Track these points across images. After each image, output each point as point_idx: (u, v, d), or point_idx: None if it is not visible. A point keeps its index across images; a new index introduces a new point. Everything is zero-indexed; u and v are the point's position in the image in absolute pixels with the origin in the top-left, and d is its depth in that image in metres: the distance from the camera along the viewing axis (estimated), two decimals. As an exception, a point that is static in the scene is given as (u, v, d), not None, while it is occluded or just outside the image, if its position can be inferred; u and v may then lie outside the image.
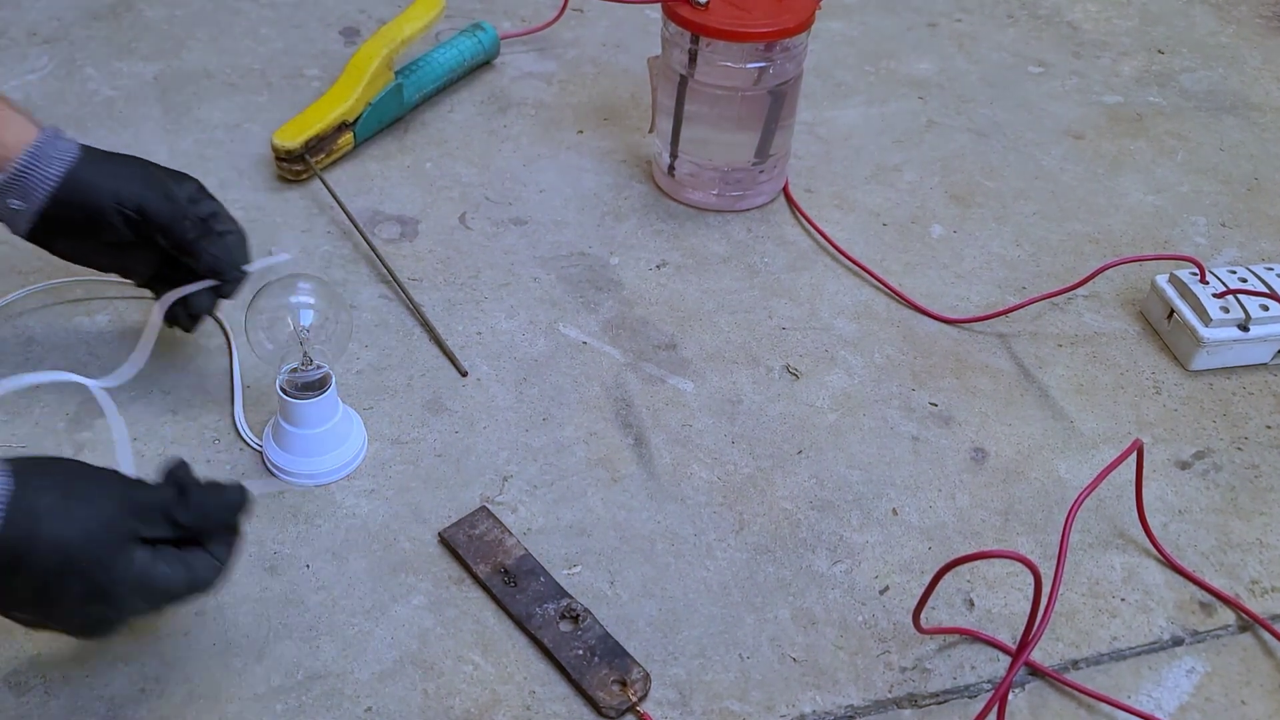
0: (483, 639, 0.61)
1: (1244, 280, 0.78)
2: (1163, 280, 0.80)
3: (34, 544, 0.49)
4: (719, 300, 0.82)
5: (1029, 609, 0.55)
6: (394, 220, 0.87)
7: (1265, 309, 0.77)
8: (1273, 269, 0.80)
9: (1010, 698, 0.59)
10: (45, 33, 1.06)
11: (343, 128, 0.91)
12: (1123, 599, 0.64)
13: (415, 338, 0.78)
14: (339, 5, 1.13)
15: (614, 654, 0.60)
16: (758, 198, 0.90)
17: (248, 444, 0.70)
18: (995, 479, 0.70)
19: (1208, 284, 0.78)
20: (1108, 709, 0.59)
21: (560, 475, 0.69)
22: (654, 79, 0.89)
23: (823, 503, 0.68)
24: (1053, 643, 0.62)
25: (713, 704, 0.58)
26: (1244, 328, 0.77)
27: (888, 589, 0.64)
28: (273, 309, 0.65)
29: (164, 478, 0.54)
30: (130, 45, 1.05)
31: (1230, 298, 0.77)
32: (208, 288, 0.68)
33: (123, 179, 0.66)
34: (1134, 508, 0.67)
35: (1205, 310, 0.77)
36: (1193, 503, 0.70)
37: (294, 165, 0.89)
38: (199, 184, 0.69)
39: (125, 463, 0.57)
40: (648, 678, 0.59)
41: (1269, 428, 0.74)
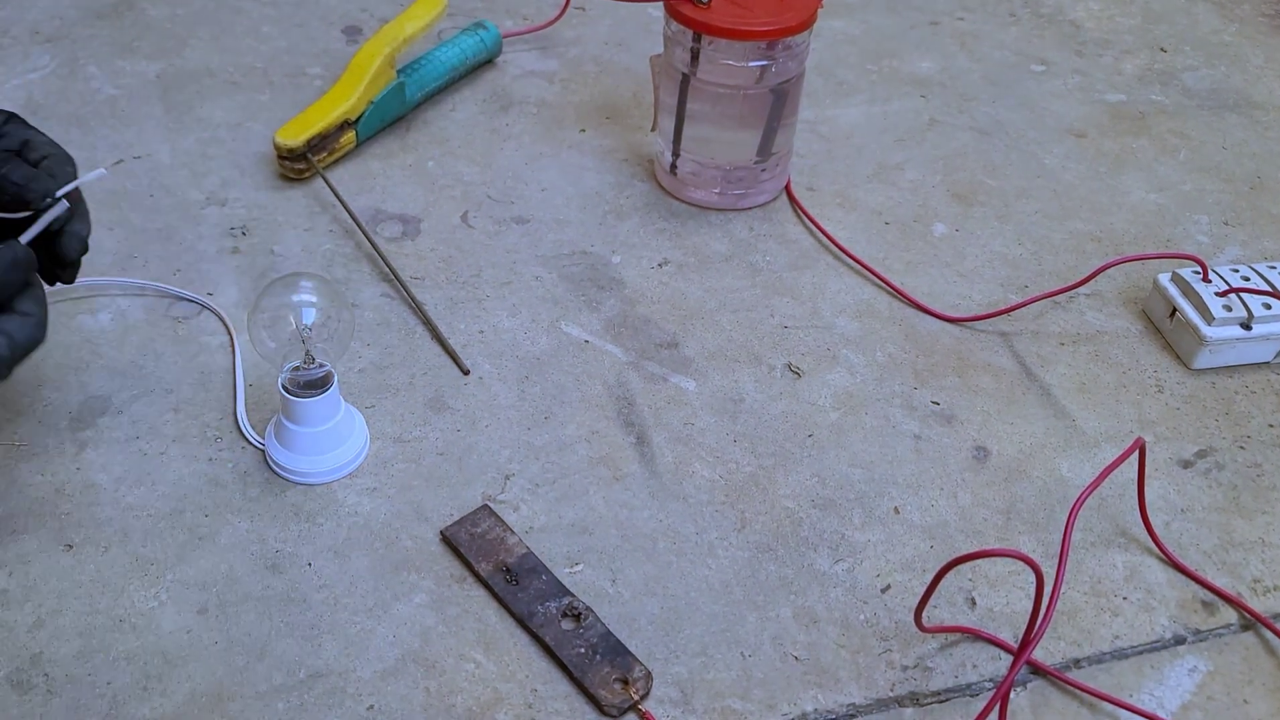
0: (485, 637, 0.61)
1: (1246, 279, 0.78)
2: (1165, 279, 0.80)
3: None
4: (721, 299, 0.82)
5: (1031, 608, 0.55)
6: (396, 219, 0.87)
7: (1268, 307, 0.77)
8: (1275, 267, 0.80)
9: (1012, 696, 0.59)
10: (47, 31, 1.07)
11: (345, 126, 0.91)
12: (1125, 598, 0.64)
13: (417, 336, 0.78)
14: (341, 4, 1.13)
15: (616, 652, 0.60)
16: (760, 196, 0.90)
17: (250, 442, 0.70)
18: (997, 478, 0.70)
19: (1210, 282, 0.78)
20: (1110, 708, 0.59)
21: (562, 474, 0.69)
22: (656, 77, 0.89)
23: (825, 501, 0.68)
24: (1054, 641, 0.62)
25: (714, 702, 0.58)
26: (1246, 326, 0.77)
27: (889, 587, 0.64)
28: (275, 307, 0.65)
29: None
30: (132, 44, 1.05)
31: (1233, 296, 0.77)
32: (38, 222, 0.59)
33: None
34: (1136, 506, 0.67)
35: (1208, 309, 0.76)
36: (1195, 501, 0.70)
37: (296, 164, 0.89)
38: (9, 114, 0.62)
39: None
40: (649, 676, 0.59)
41: (1271, 426, 0.74)
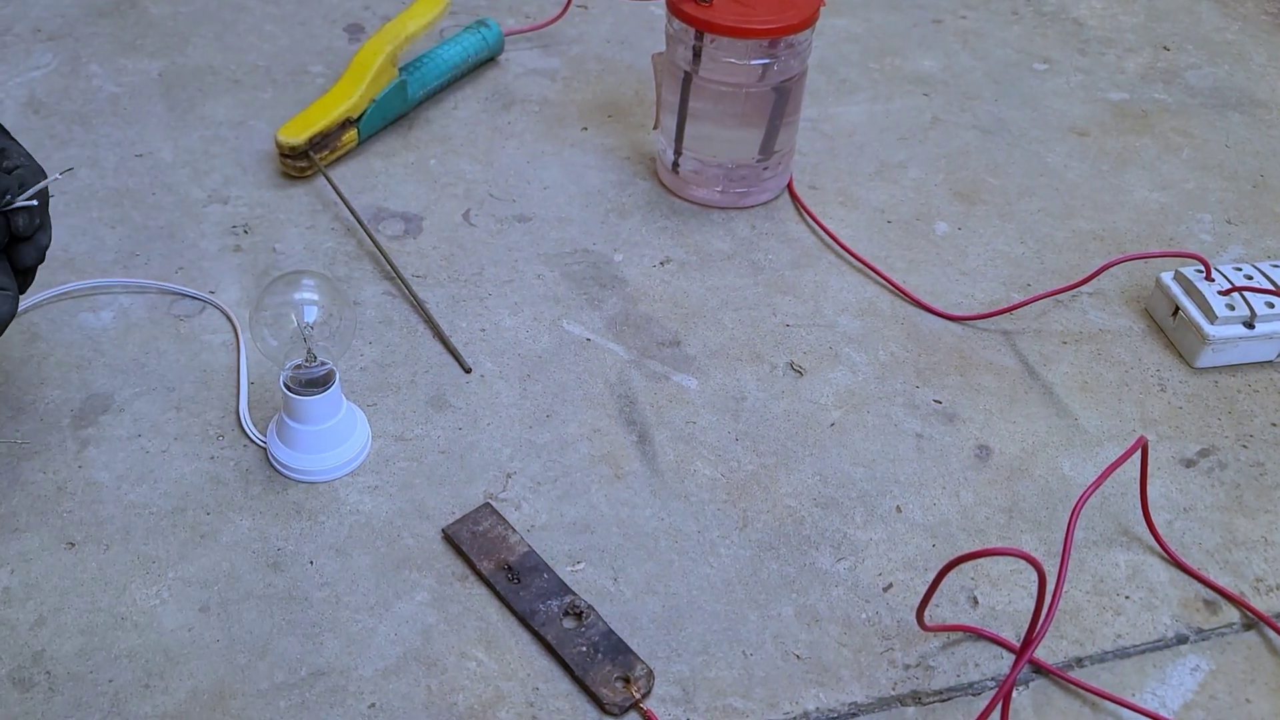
0: (486, 635, 0.61)
1: (1249, 277, 0.78)
2: (1168, 277, 0.80)
3: None
4: (723, 297, 0.82)
5: (1033, 606, 0.55)
6: (398, 217, 0.87)
7: (1271, 306, 0.76)
8: (1278, 266, 0.79)
9: (1014, 695, 0.59)
10: (50, 29, 1.07)
11: (347, 124, 0.91)
12: (1127, 597, 0.64)
13: (419, 334, 0.78)
14: (343, 2, 1.13)
15: (617, 651, 0.60)
16: (762, 194, 0.90)
17: (252, 440, 0.70)
18: (999, 476, 0.70)
19: (1213, 281, 0.78)
20: (1112, 707, 0.59)
21: (564, 472, 0.69)
22: (658, 75, 0.89)
23: (826, 500, 0.68)
24: (1057, 640, 0.62)
25: (716, 701, 0.58)
26: (1249, 325, 0.77)
27: (891, 586, 0.64)
28: (276, 305, 0.65)
29: None
30: (135, 42, 1.05)
31: (1236, 295, 0.77)
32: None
33: None
34: (1138, 505, 0.67)
35: (1210, 307, 0.76)
36: (1197, 500, 0.69)
37: (298, 162, 0.89)
38: None
39: None
40: (651, 675, 0.59)
41: (1274, 425, 0.74)
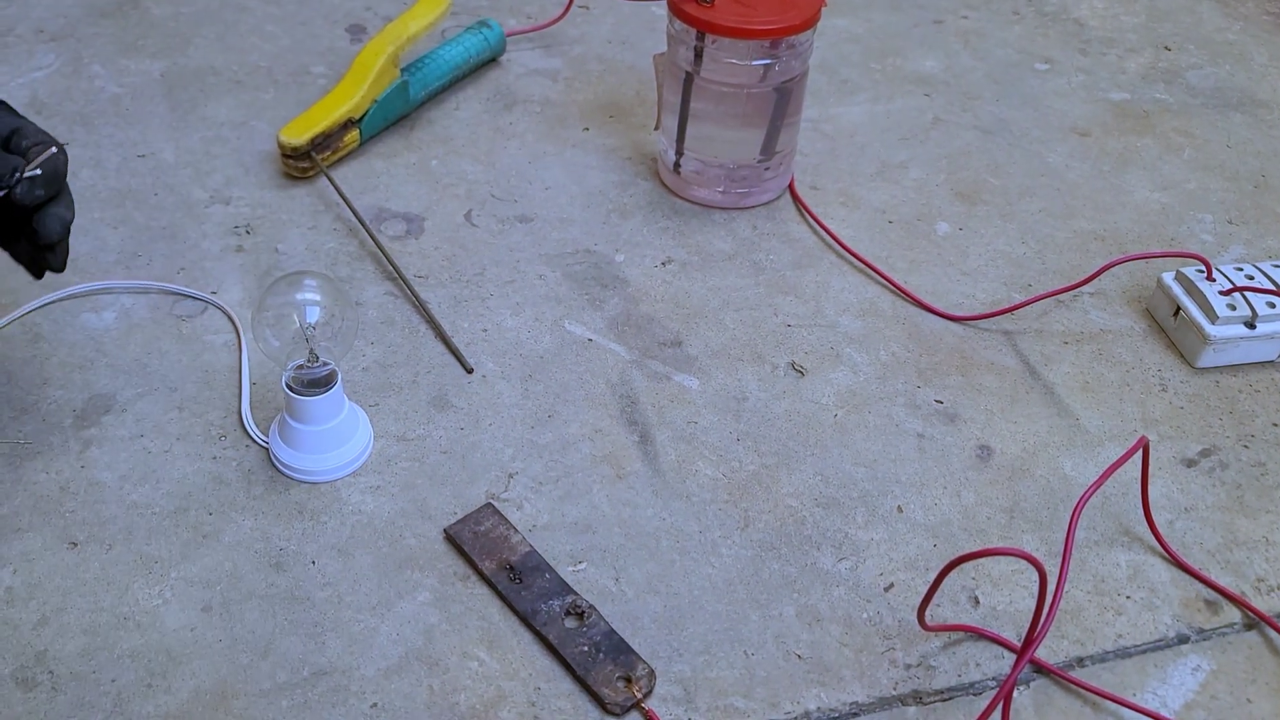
0: (488, 635, 0.61)
1: (1251, 278, 0.78)
2: (1169, 277, 0.80)
3: None
4: (724, 297, 0.82)
5: (1034, 606, 0.55)
6: (400, 217, 0.88)
7: (1272, 306, 0.76)
8: None
9: (1015, 695, 0.59)
10: (52, 30, 1.07)
11: (349, 125, 0.91)
12: (1128, 596, 0.64)
13: (421, 335, 0.78)
14: (345, 2, 1.13)
15: (619, 650, 0.60)
16: (763, 195, 0.90)
17: (254, 440, 0.70)
18: (1000, 476, 0.70)
19: (1214, 281, 0.78)
20: (1113, 707, 0.59)
21: (565, 472, 0.69)
22: (659, 76, 0.89)
23: (828, 500, 0.68)
24: (1058, 640, 0.62)
25: (717, 701, 0.58)
26: (1250, 325, 0.77)
27: (892, 586, 0.64)
28: (278, 306, 0.65)
29: None
30: (137, 42, 1.06)
31: (1237, 295, 0.77)
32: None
33: None
34: (1139, 505, 0.67)
35: (1212, 307, 0.76)
36: (1199, 500, 0.69)
37: (300, 162, 0.89)
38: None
39: None
40: (653, 674, 0.59)
41: (1275, 425, 0.74)
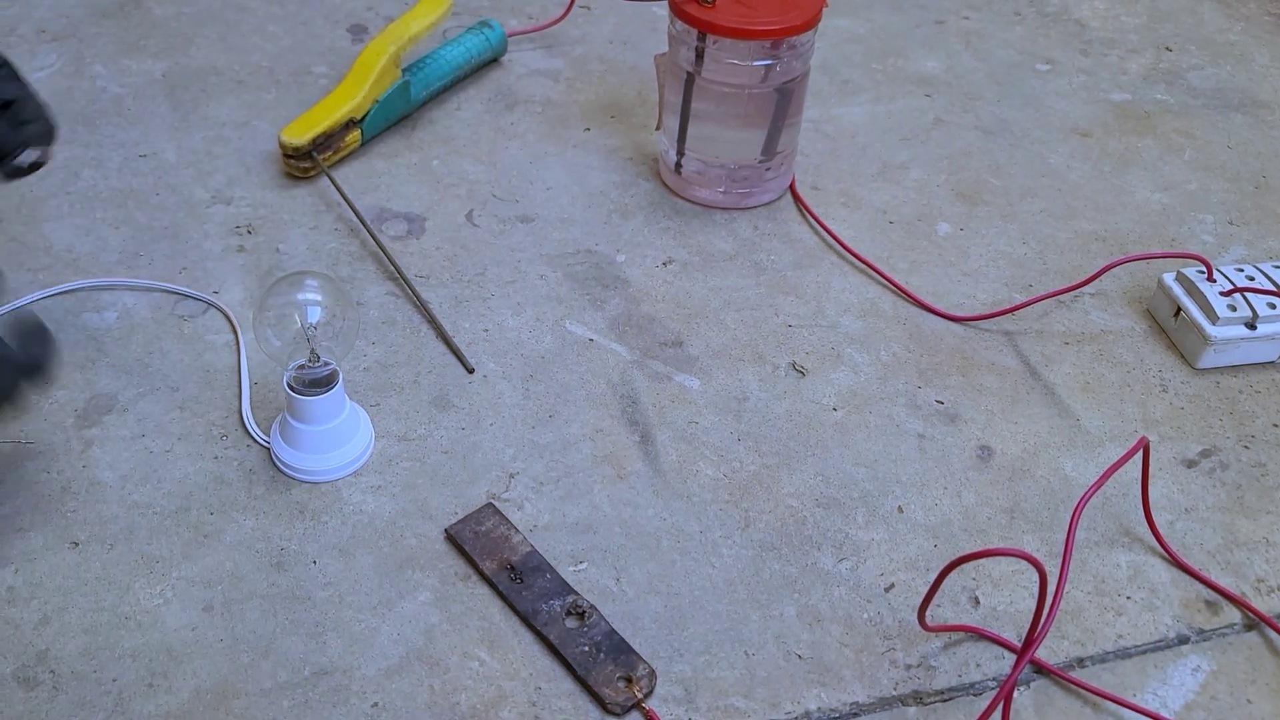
0: (489, 635, 0.61)
1: (1251, 278, 0.78)
2: (1170, 278, 0.80)
3: None
4: (725, 298, 0.82)
5: (1034, 607, 0.55)
6: (401, 217, 0.88)
7: (1272, 307, 0.76)
8: (1280, 267, 0.80)
9: (1015, 695, 0.59)
10: (54, 30, 1.07)
11: (350, 125, 0.91)
12: (1128, 597, 0.64)
13: (422, 335, 0.78)
14: (346, 3, 1.13)
15: (620, 650, 0.60)
16: (764, 195, 0.90)
17: (255, 440, 0.70)
18: (1001, 477, 0.70)
19: (1215, 282, 0.78)
20: (1113, 707, 0.59)
21: (566, 472, 0.69)
22: (661, 76, 0.89)
23: (828, 500, 0.68)
24: (1058, 641, 0.62)
25: (718, 701, 0.58)
26: (1251, 326, 0.77)
27: (893, 586, 0.64)
28: (280, 306, 0.66)
29: None
30: (138, 43, 1.06)
31: (1237, 296, 0.77)
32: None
33: None
34: (1140, 506, 0.67)
35: (1212, 308, 0.76)
36: (1199, 501, 0.69)
37: (302, 162, 0.89)
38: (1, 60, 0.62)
39: None
40: (653, 674, 0.59)
41: (1276, 426, 0.74)
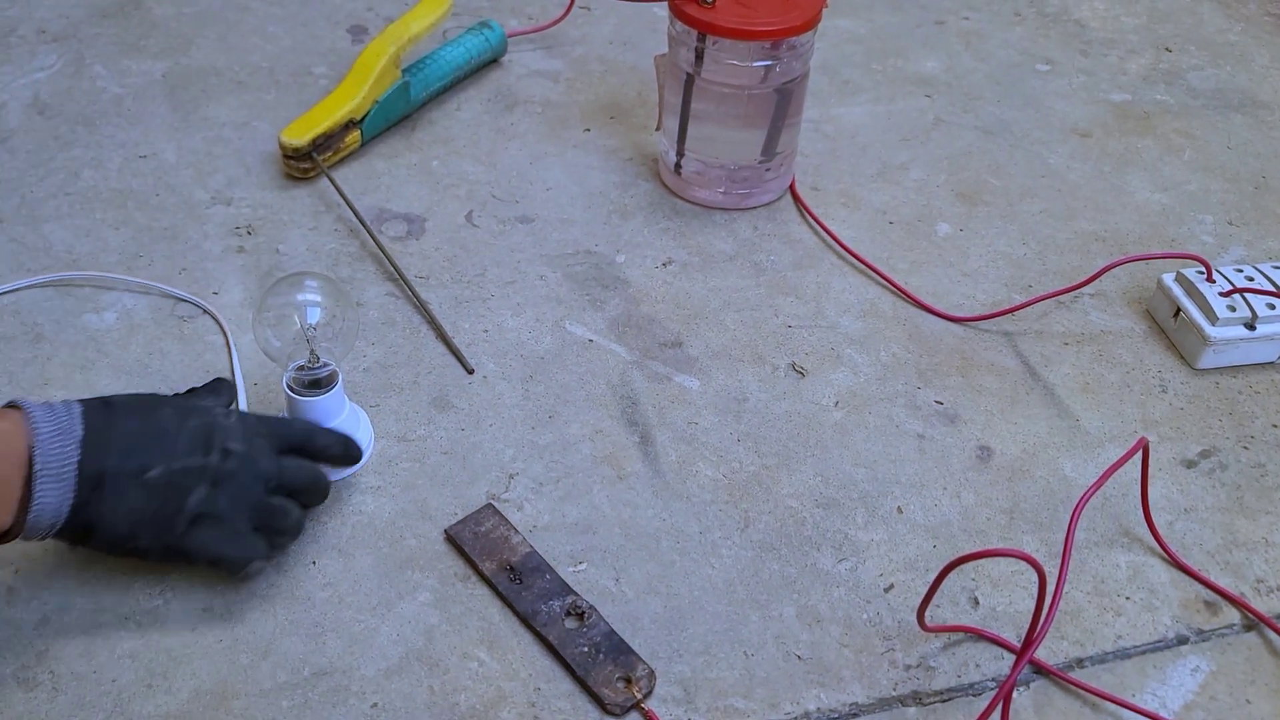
0: (488, 636, 0.61)
1: (1251, 279, 0.78)
2: (1169, 279, 0.80)
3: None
4: (725, 298, 0.82)
5: (1033, 607, 0.55)
6: (401, 218, 0.88)
7: (1272, 308, 0.76)
8: (1280, 267, 0.80)
9: (1015, 696, 0.59)
10: (54, 30, 1.07)
11: (350, 126, 0.91)
12: (1128, 597, 0.64)
13: (422, 335, 0.78)
14: (346, 3, 1.13)
15: (619, 651, 0.60)
16: (764, 196, 0.90)
17: (255, 441, 0.70)
18: (1000, 477, 0.70)
19: (1214, 282, 0.78)
20: (1112, 707, 0.59)
21: (566, 473, 0.69)
22: (661, 77, 0.89)
23: (828, 501, 0.68)
24: (1057, 641, 0.62)
25: (717, 701, 0.58)
26: (1250, 326, 0.77)
27: (892, 587, 0.64)
28: (279, 306, 0.65)
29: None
30: (139, 43, 1.06)
31: (1237, 296, 0.77)
32: None
33: (121, 518, 0.57)
34: (1139, 506, 0.67)
35: (1212, 309, 0.76)
36: (1198, 501, 0.69)
37: (301, 163, 0.89)
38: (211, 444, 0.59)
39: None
40: (652, 675, 0.59)
41: (1275, 426, 0.74)
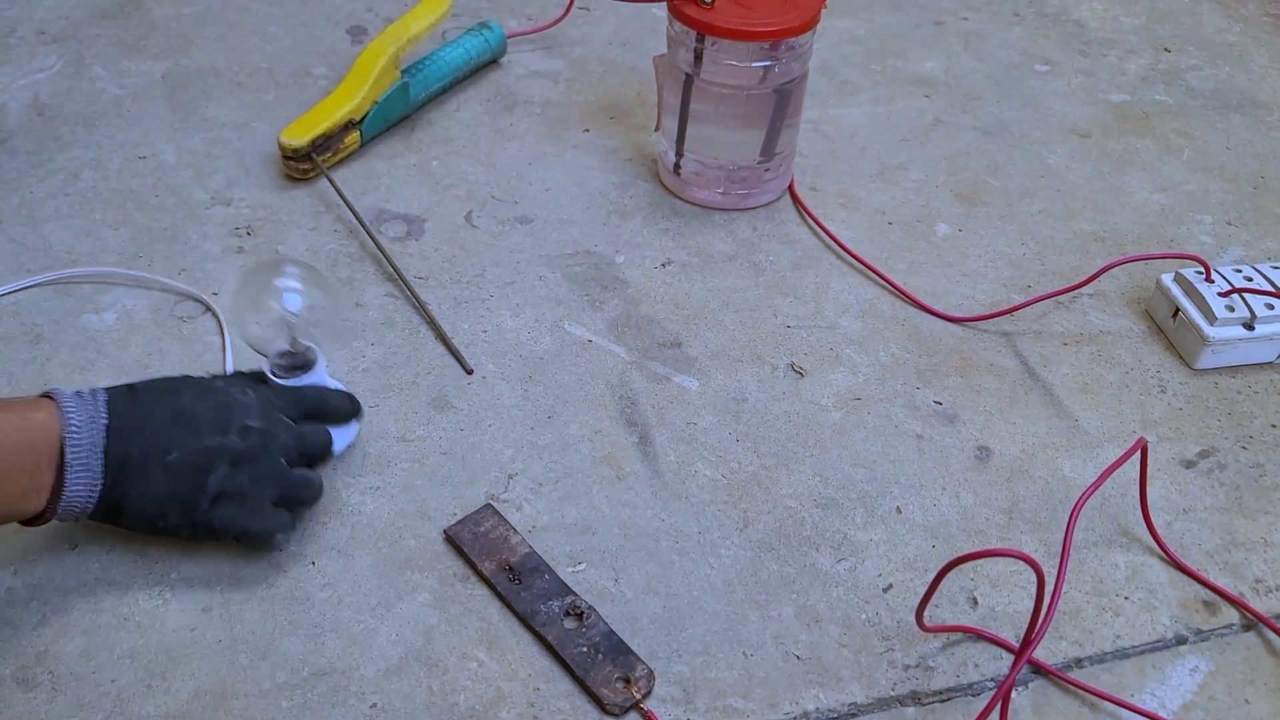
0: (487, 636, 0.61)
1: (1249, 279, 0.78)
2: (1168, 279, 0.80)
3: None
4: (724, 298, 0.82)
5: (1032, 607, 0.55)
6: (400, 219, 0.88)
7: (1270, 308, 0.77)
8: (1278, 267, 0.80)
9: (1013, 696, 0.59)
10: (54, 31, 1.07)
11: (349, 126, 0.91)
12: (1126, 597, 0.64)
13: (421, 336, 0.78)
14: (346, 4, 1.13)
15: (618, 651, 0.60)
16: (763, 196, 0.90)
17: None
18: (999, 477, 0.70)
19: (1213, 283, 0.78)
20: (1111, 707, 0.59)
21: (565, 473, 0.69)
22: (660, 77, 0.89)
23: (827, 501, 0.69)
24: (1056, 641, 0.62)
25: (716, 701, 0.58)
26: (1249, 326, 0.77)
27: (891, 587, 0.64)
28: (255, 294, 0.65)
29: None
30: (138, 44, 1.06)
31: (1235, 296, 0.77)
32: None
33: (148, 500, 0.60)
34: (1138, 506, 0.67)
35: (1210, 309, 0.76)
36: (1197, 501, 0.70)
37: (301, 164, 0.89)
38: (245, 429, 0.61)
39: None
40: (652, 675, 0.59)
41: (1274, 426, 0.74)
